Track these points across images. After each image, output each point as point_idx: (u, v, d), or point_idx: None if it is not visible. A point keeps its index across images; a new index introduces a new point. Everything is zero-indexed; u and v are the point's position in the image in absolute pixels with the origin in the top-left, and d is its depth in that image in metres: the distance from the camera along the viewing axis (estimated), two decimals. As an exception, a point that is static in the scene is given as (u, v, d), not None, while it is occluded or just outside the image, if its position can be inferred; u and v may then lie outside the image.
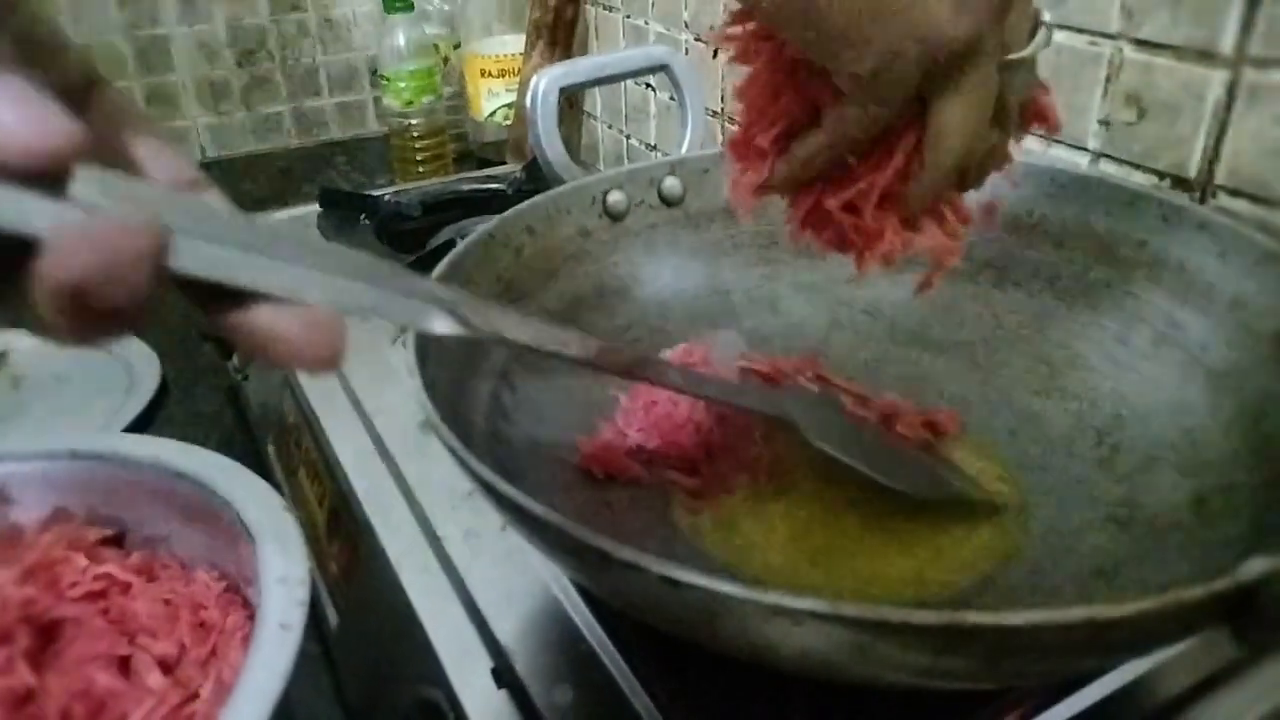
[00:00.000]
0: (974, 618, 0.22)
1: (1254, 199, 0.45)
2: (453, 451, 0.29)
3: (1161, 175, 0.49)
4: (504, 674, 0.36)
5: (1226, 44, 0.44)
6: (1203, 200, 0.47)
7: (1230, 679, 0.36)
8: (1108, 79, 0.50)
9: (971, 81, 0.30)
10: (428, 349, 0.36)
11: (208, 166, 1.22)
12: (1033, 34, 0.32)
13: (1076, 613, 0.22)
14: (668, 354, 0.47)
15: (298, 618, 0.33)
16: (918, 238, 0.35)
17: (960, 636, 0.22)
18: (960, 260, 0.37)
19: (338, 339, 0.22)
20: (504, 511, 0.29)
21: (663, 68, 0.60)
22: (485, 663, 0.37)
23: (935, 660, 0.24)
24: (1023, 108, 0.34)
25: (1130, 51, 0.48)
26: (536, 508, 0.26)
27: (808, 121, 0.34)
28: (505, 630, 0.37)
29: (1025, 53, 0.31)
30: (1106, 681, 0.35)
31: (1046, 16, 0.32)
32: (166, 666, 0.37)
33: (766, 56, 0.34)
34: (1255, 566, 0.23)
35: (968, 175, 0.34)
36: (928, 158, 0.32)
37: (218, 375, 0.75)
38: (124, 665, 0.37)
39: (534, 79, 0.54)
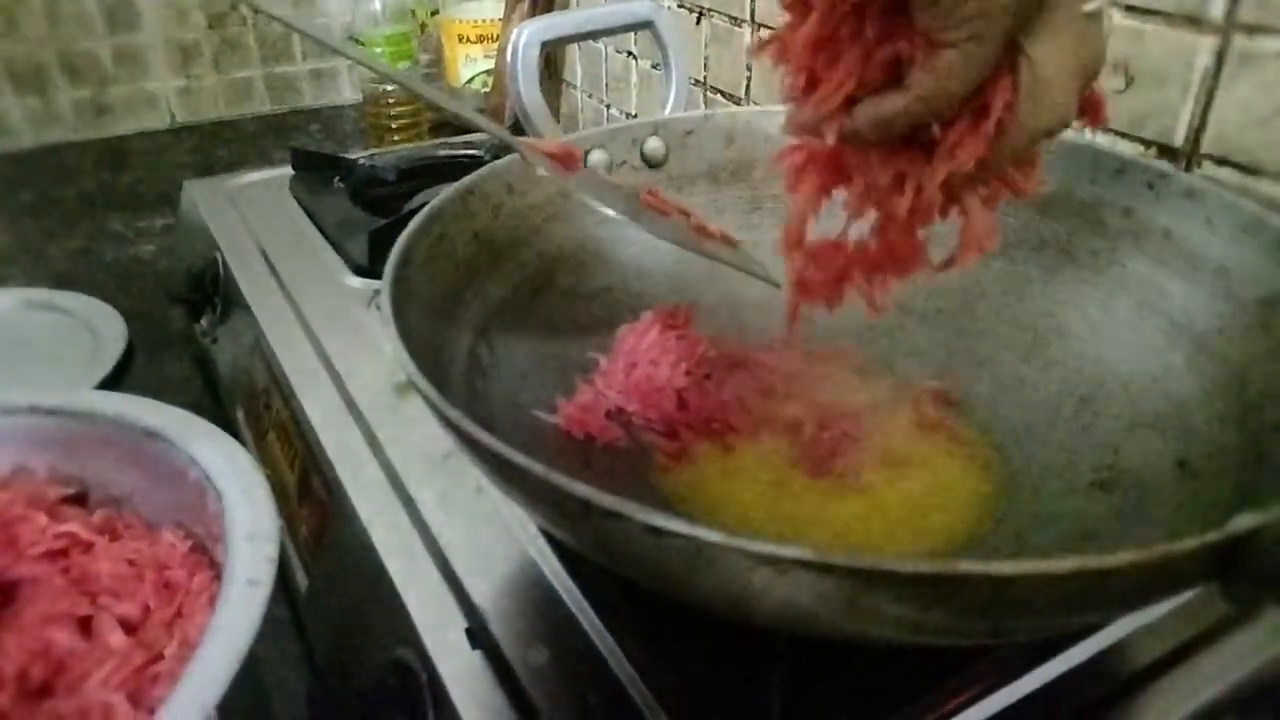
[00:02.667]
0: (965, 566, 0.21)
1: (1240, 168, 0.45)
2: (430, 402, 0.28)
3: (1148, 144, 0.49)
4: (479, 635, 0.35)
5: (1216, 10, 0.44)
6: (1188, 169, 0.47)
7: (1206, 645, 0.36)
8: (1096, 46, 0.49)
9: (1066, 19, 0.28)
10: (404, 302, 0.35)
11: (176, 132, 1.20)
12: None
13: (1069, 563, 0.21)
14: (648, 315, 0.46)
15: (266, 574, 0.32)
16: (972, 214, 0.33)
17: (950, 587, 0.22)
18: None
19: None
20: (482, 463, 0.28)
21: (647, 24, 0.59)
22: (459, 624, 0.36)
23: (923, 613, 0.23)
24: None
25: (1120, 17, 0.48)
26: (516, 456, 0.25)
27: (879, 87, 0.30)
28: (480, 591, 0.37)
29: (1093, 5, 0.29)
30: (1085, 646, 0.35)
31: None
32: (130, 627, 0.36)
33: (822, 6, 0.30)
34: (1245, 520, 0.23)
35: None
36: (1023, 111, 0.29)
37: (186, 339, 0.73)
38: (85, 626, 0.36)
39: (514, 31, 0.53)
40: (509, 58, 0.54)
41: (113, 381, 0.67)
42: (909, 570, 0.21)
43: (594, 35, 0.59)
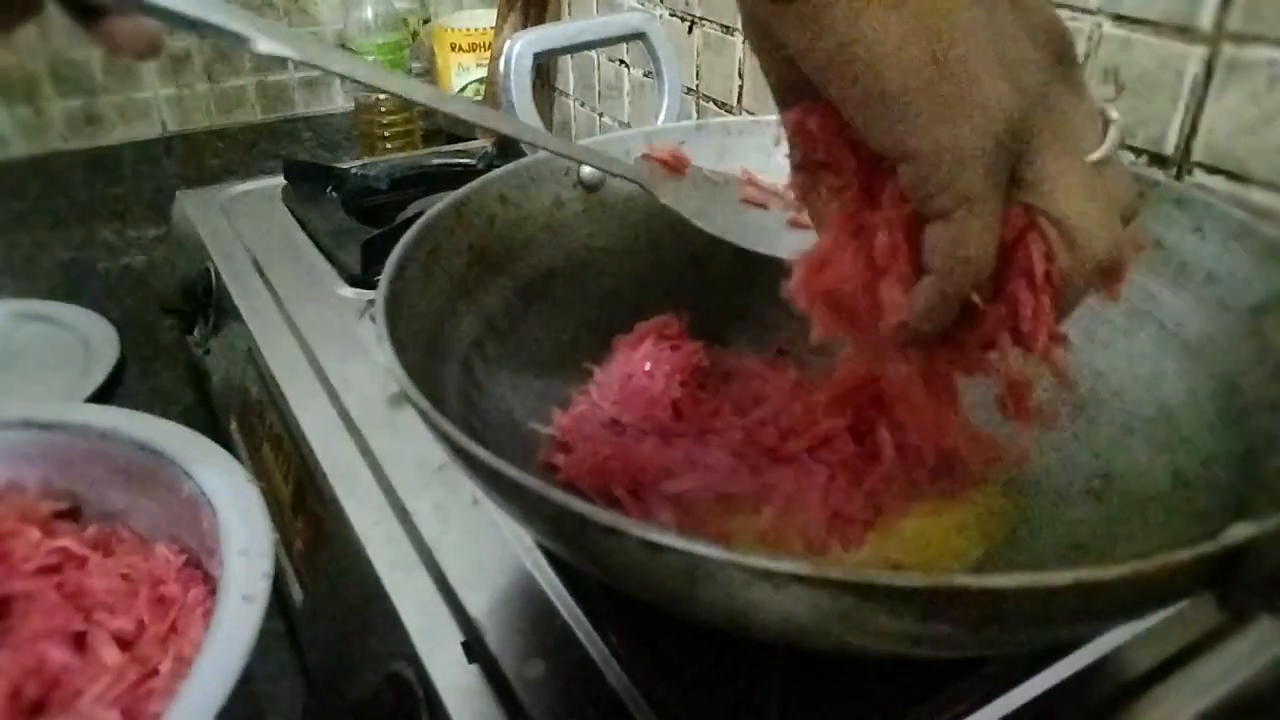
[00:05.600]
0: (961, 580, 0.21)
1: (1230, 175, 0.45)
2: (424, 415, 0.28)
3: (1138, 152, 0.49)
4: (475, 648, 0.35)
5: (1205, 19, 0.44)
6: (1179, 177, 0.47)
7: (1200, 654, 0.36)
8: (1086, 55, 0.50)
9: (1063, 168, 0.27)
10: (398, 314, 0.35)
11: (168, 141, 1.20)
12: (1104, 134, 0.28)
13: (1065, 575, 0.21)
14: (642, 326, 0.46)
15: (261, 590, 0.32)
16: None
17: (947, 600, 0.22)
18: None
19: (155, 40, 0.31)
20: (477, 477, 0.28)
21: (639, 36, 0.59)
22: (456, 637, 0.36)
23: (920, 626, 0.23)
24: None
25: (1109, 27, 0.48)
26: (511, 470, 0.25)
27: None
28: (476, 604, 0.37)
29: (1099, 153, 0.28)
30: (1079, 656, 0.35)
31: (1114, 115, 0.29)
32: (124, 642, 0.36)
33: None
34: (1241, 530, 0.23)
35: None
36: (1065, 263, 0.27)
37: (178, 350, 0.73)
38: (79, 641, 0.36)
39: (508, 43, 0.53)
40: (501, 69, 0.54)
41: (104, 393, 0.67)
42: (904, 584, 0.21)
43: (587, 46, 0.59)
